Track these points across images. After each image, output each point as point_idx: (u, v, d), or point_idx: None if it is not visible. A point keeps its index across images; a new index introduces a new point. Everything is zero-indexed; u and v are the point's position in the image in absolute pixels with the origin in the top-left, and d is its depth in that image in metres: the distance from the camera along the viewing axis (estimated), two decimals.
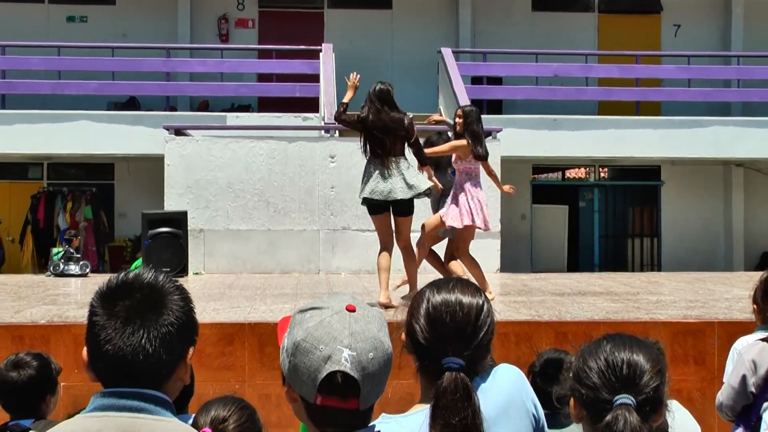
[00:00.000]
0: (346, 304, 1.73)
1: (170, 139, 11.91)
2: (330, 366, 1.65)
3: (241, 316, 7.00)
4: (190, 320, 1.73)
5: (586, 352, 1.90)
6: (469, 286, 2.03)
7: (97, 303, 1.70)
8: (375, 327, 1.72)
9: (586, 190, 17.60)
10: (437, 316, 1.94)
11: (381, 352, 1.70)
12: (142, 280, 1.71)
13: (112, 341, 1.64)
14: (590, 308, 7.64)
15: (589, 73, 16.12)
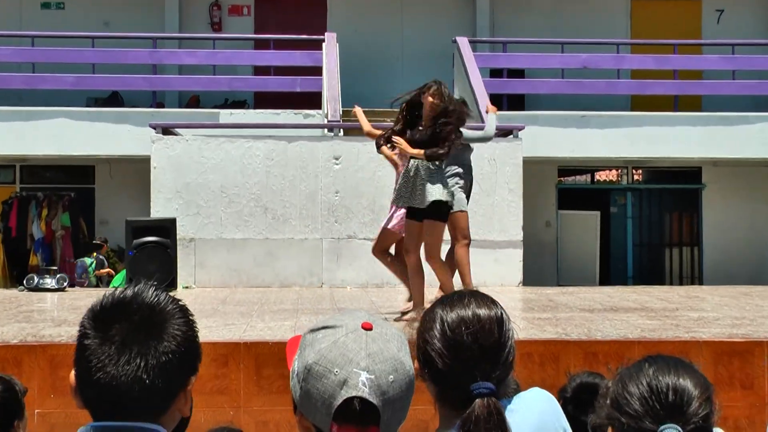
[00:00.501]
0: (361, 321, 1.72)
1: (157, 139, 11.95)
2: (346, 391, 1.64)
3: (236, 335, 7.01)
4: (194, 347, 1.70)
5: (626, 376, 1.86)
6: (482, 296, 2.04)
7: (88, 324, 1.67)
8: (394, 347, 1.71)
9: (619, 195, 17.58)
10: (457, 338, 1.94)
11: (402, 374, 1.69)
12: (142, 300, 1.68)
13: (104, 369, 1.61)
14: (623, 326, 7.63)
15: (621, 64, 16.12)
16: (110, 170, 16.18)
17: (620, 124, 14.64)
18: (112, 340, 1.63)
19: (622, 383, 1.85)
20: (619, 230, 17.35)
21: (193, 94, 16.55)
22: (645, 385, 1.82)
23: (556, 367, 6.59)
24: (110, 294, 1.70)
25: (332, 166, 11.89)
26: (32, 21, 16.59)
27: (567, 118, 14.61)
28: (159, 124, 12.29)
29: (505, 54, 15.97)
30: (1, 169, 16.62)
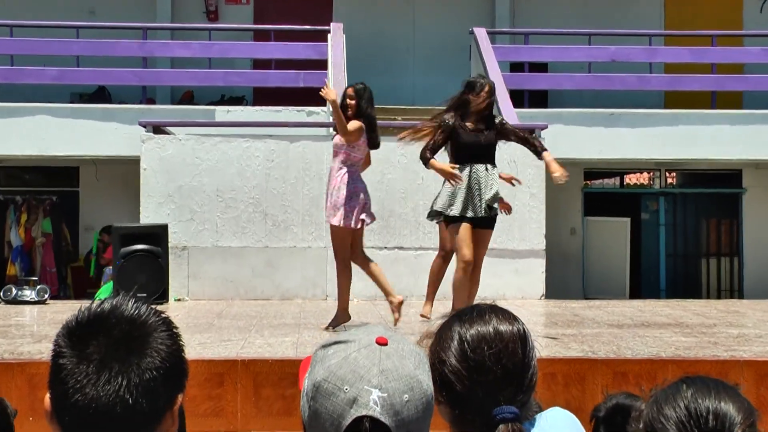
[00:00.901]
0: (376, 336, 1.72)
1: (147, 138, 11.98)
2: (356, 410, 1.64)
3: (233, 352, 7.02)
4: (179, 362, 1.70)
5: (662, 399, 1.84)
6: (502, 311, 2.04)
7: (64, 342, 1.65)
8: (411, 364, 1.70)
9: (650, 200, 17.55)
10: (478, 358, 1.94)
11: (418, 393, 1.68)
12: (121, 313, 1.67)
13: (83, 390, 1.60)
14: (656, 343, 7.62)
15: (654, 57, 16.11)
16: (96, 172, 16.21)
17: (652, 123, 14.62)
18: (89, 358, 1.62)
19: (658, 406, 1.84)
20: (650, 239, 17.32)
21: (186, 89, 16.59)
22: (683, 408, 1.80)
23: (581, 388, 6.59)
24: (86, 308, 1.68)
25: None
26: (10, 9, 16.64)
27: (594, 116, 14.60)
28: (149, 122, 12.32)
29: (527, 46, 15.97)
30: None
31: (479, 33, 14.93)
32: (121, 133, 13.77)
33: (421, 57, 17.74)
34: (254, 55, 16.37)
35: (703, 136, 14.63)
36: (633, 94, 16.01)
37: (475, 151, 7.98)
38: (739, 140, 14.66)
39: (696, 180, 17.71)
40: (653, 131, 14.55)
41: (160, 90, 16.64)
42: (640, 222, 17.41)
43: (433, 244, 11.67)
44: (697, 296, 16.34)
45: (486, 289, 11.76)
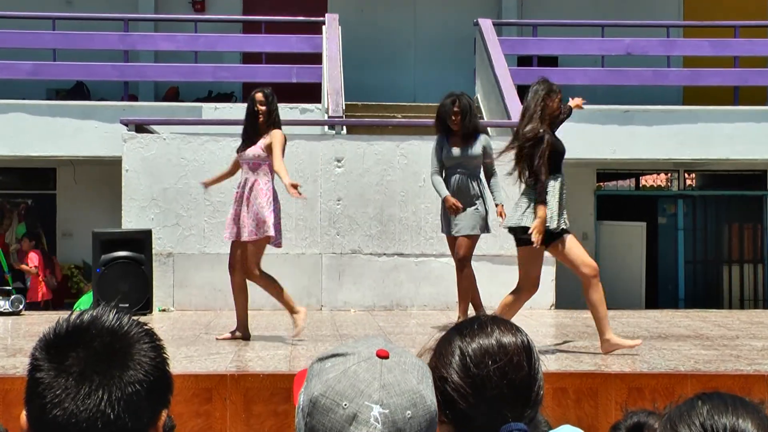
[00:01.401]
0: (376, 348, 1.73)
1: (129, 138, 12.00)
2: (356, 428, 1.65)
3: (222, 366, 7.04)
4: (163, 375, 1.72)
5: (676, 416, 1.83)
6: (504, 322, 2.06)
7: (41, 354, 1.67)
8: (414, 378, 1.72)
9: (668, 203, 17.58)
10: (482, 374, 1.95)
11: (422, 409, 1.69)
12: (101, 324, 1.69)
13: (61, 405, 1.61)
14: (674, 356, 7.64)
15: (672, 50, 16.14)
16: (74, 174, 16.24)
17: (670, 121, 14.65)
18: (69, 371, 1.63)
19: (671, 424, 1.84)
20: (668, 244, 17.34)
21: (171, 85, 16.61)
22: (698, 426, 1.79)
23: (594, 404, 6.62)
24: (65, 320, 1.69)
25: (334, 170, 11.93)
26: None
27: (607, 113, 14.63)
28: (131, 120, 12.34)
29: (535, 39, 16.00)
30: None
31: (484, 25, 14.96)
32: (101, 131, 13.79)
33: (422, 50, 17.77)
34: (243, 49, 16.39)
35: (724, 134, 14.65)
36: (649, 89, 16.04)
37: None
38: (764, 139, 14.67)
39: (717, 181, 17.73)
40: (671, 129, 14.57)
41: (143, 86, 16.67)
42: (657, 226, 17.43)
43: (435, 250, 11.74)
44: (718, 306, 16.36)
45: (493, 298, 11.78)
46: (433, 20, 17.68)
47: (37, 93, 15.66)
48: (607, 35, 16.07)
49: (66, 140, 14.05)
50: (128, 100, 15.21)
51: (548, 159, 7.84)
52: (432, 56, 17.61)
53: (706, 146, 14.66)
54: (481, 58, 15.02)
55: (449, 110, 9.30)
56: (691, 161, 15.74)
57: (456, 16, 17.12)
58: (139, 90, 16.52)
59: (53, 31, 15.34)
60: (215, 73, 15.49)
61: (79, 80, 16.11)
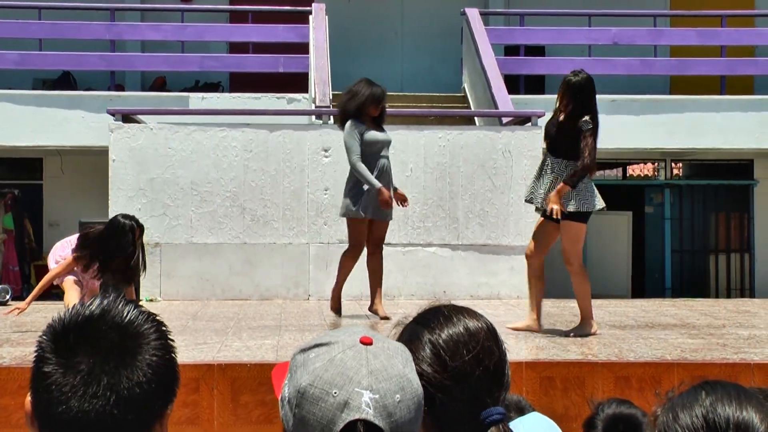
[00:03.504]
0: (359, 336, 1.74)
1: (116, 127, 11.97)
2: (348, 414, 1.65)
3: (209, 356, 7.04)
4: (172, 372, 1.71)
5: (678, 406, 1.81)
6: (464, 309, 2.06)
7: (48, 346, 1.65)
8: (399, 362, 1.73)
9: (655, 192, 17.61)
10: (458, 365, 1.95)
11: (410, 393, 1.71)
12: (112, 320, 1.67)
13: (68, 402, 1.60)
14: (660, 345, 7.66)
15: (659, 39, 16.16)
16: (61, 164, 16.21)
17: (657, 110, 14.68)
18: (77, 368, 1.62)
19: (673, 413, 1.80)
20: (655, 234, 17.38)
21: (158, 74, 16.57)
22: (700, 417, 1.76)
23: (581, 393, 6.63)
24: (74, 311, 1.67)
25: (321, 159, 11.92)
26: None
27: None
28: (118, 110, 12.32)
29: (522, 28, 16.00)
30: None
31: (471, 14, 14.96)
32: (88, 121, 13.76)
33: (409, 40, 17.77)
34: (230, 38, 16.37)
35: (711, 123, 14.69)
36: (636, 78, 16.06)
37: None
38: (750, 128, 14.72)
39: (704, 171, 17.77)
40: (658, 119, 14.60)
41: (130, 76, 16.63)
42: (644, 216, 17.46)
43: (422, 240, 11.75)
44: (704, 295, 16.42)
45: (480, 288, 11.83)
46: (420, 10, 17.67)
47: (24, 83, 15.61)
48: (594, 24, 16.09)
49: (53, 130, 14.02)
50: (115, 89, 15.18)
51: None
52: (419, 46, 17.61)
53: (694, 135, 14.69)
54: (468, 47, 15.02)
55: (379, 98, 9.27)
56: (678, 150, 15.78)
57: (443, 6, 17.11)
58: (126, 80, 16.48)
59: (39, 21, 15.28)
60: (202, 63, 15.46)
61: (65, 70, 16.06)
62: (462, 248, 11.77)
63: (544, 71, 16.27)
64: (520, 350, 7.36)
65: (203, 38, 15.86)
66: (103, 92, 14.65)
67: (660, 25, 16.61)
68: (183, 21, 15.92)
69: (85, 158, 15.14)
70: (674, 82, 17.09)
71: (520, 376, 6.57)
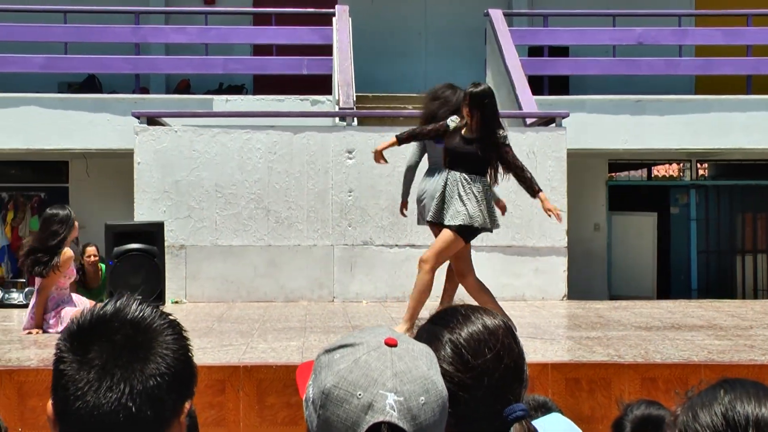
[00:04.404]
0: (384, 337, 1.74)
1: (141, 130, 12.01)
2: (372, 416, 1.65)
3: (235, 357, 7.05)
4: (187, 367, 1.72)
5: (697, 404, 1.78)
6: (480, 308, 2.07)
7: (65, 346, 1.68)
8: (424, 365, 1.72)
9: (680, 193, 17.54)
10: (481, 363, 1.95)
11: (434, 395, 1.70)
12: (124, 316, 1.70)
13: (84, 397, 1.63)
14: (687, 346, 7.62)
15: (684, 39, 16.09)
16: (87, 167, 16.28)
17: (682, 110, 14.62)
18: (91, 363, 1.65)
19: (693, 412, 1.78)
20: (681, 235, 17.31)
21: (182, 77, 16.62)
22: (719, 416, 1.74)
23: (607, 394, 6.61)
24: (88, 311, 1.71)
25: (345, 161, 11.92)
26: None
27: (619, 103, 14.60)
28: (143, 113, 12.36)
29: (546, 29, 15.97)
30: None
31: (495, 15, 14.94)
32: (114, 124, 13.82)
33: (432, 41, 17.76)
34: (254, 41, 16.40)
35: (737, 123, 14.61)
36: (661, 79, 16.00)
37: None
38: None
39: (730, 171, 17.69)
40: (683, 119, 14.54)
41: (155, 78, 16.69)
42: (670, 217, 17.40)
43: None
44: (731, 296, 16.34)
45: (505, 289, 11.80)
46: (444, 11, 17.66)
47: (50, 86, 15.68)
48: (618, 25, 16.03)
49: (78, 133, 14.09)
50: (140, 92, 15.24)
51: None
52: (442, 47, 17.60)
53: (719, 136, 14.62)
54: (492, 48, 15.00)
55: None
56: (704, 151, 15.70)
57: (466, 7, 17.09)
58: (150, 82, 16.54)
59: (65, 25, 15.35)
60: (226, 65, 15.50)
61: (90, 73, 16.13)
62: (486, 249, 11.73)
63: (568, 72, 16.23)
64: (545, 351, 7.34)
65: (227, 41, 15.90)
66: (127, 95, 14.71)
67: (685, 24, 16.53)
68: (207, 24, 15.97)
69: (110, 161, 15.20)
70: (699, 82, 17.00)
71: (546, 378, 6.56)
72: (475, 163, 7.87)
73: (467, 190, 7.81)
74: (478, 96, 7.87)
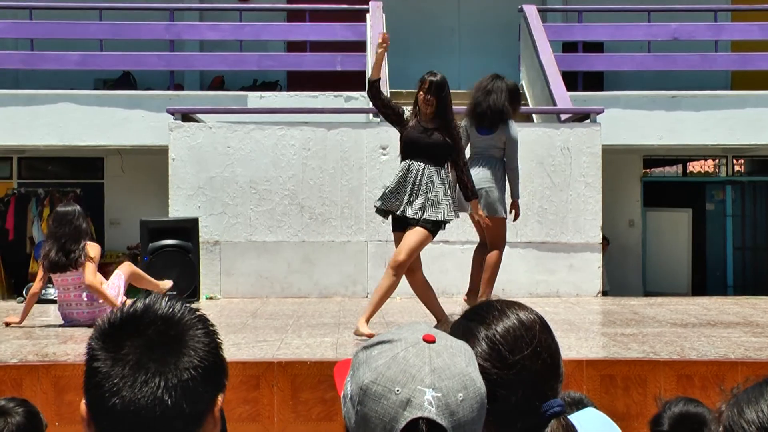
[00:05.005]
0: (422, 333, 1.73)
1: (176, 126, 12.06)
2: (410, 412, 1.65)
3: (269, 353, 7.06)
4: (218, 361, 1.74)
5: (743, 401, 1.74)
6: (513, 302, 2.06)
7: (97, 344, 1.69)
8: (462, 361, 1.72)
9: (716, 189, 17.43)
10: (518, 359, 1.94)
11: (473, 391, 1.69)
12: (155, 312, 1.71)
13: (119, 393, 1.64)
14: (723, 343, 7.57)
15: (720, 35, 15.97)
16: (122, 163, 16.36)
17: (718, 106, 14.51)
18: (125, 359, 1.66)
19: (738, 409, 1.76)
20: (717, 231, 17.20)
21: (216, 74, 16.67)
22: (765, 412, 1.72)
23: (643, 391, 6.57)
24: (119, 309, 1.73)
25: (379, 157, 11.92)
26: None
27: (654, 99, 14.52)
28: (178, 110, 12.40)
29: (581, 24, 15.90)
30: None
31: (529, 11, 14.89)
32: (148, 121, 13.88)
33: (466, 37, 17.72)
34: (288, 37, 16.43)
35: None
36: (697, 74, 15.89)
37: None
38: None
39: (766, 167, 17.56)
40: (719, 115, 14.43)
41: (189, 75, 16.75)
42: (705, 213, 17.30)
43: None
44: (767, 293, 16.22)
45: (539, 285, 11.78)
46: (477, 7, 17.62)
47: (85, 83, 15.78)
48: (653, 20, 15.95)
49: (113, 130, 14.16)
50: (174, 89, 15.29)
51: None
52: (476, 43, 17.55)
53: (755, 131, 14.50)
54: (526, 44, 14.95)
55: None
56: (740, 147, 15.59)
57: (500, 3, 17.03)
58: (184, 79, 16.60)
59: (100, 22, 15.44)
60: (260, 62, 15.53)
61: (126, 70, 16.21)
62: (520, 246, 11.70)
63: (602, 68, 16.15)
64: (581, 348, 7.31)
65: (261, 37, 15.93)
66: (162, 92, 14.77)
67: (721, 19, 16.42)
68: (241, 20, 16.01)
69: (145, 157, 15.27)
70: (735, 78, 16.88)
71: (581, 375, 6.53)
72: (439, 153, 7.89)
73: (436, 182, 7.85)
74: (440, 84, 7.95)
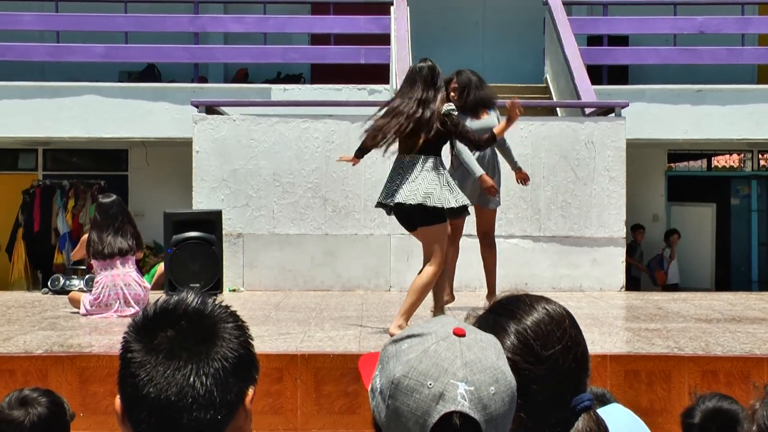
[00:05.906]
0: (452, 327, 1.73)
1: (200, 119, 12.09)
2: (443, 406, 1.64)
3: (292, 346, 7.07)
4: (249, 354, 1.77)
5: None
6: (538, 296, 2.05)
7: (131, 337, 1.75)
8: (493, 354, 1.72)
9: (741, 184, 17.35)
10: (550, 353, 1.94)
11: (504, 385, 1.69)
12: (186, 306, 1.76)
13: (153, 381, 1.68)
14: (748, 339, 7.54)
15: (747, 28, 15.88)
16: (146, 155, 16.42)
17: (744, 100, 14.43)
18: (158, 348, 1.71)
19: None
20: (741, 226, 17.12)
21: (240, 66, 16.70)
22: None
23: (667, 387, 6.55)
24: (152, 303, 1.78)
25: None
26: None
27: (679, 93, 14.45)
28: (202, 102, 12.43)
29: (606, 18, 15.83)
30: (21, 153, 16.94)
31: (554, 4, 14.83)
32: (173, 113, 13.92)
33: (491, 31, 17.68)
34: (312, 30, 16.42)
35: None
36: (723, 68, 15.80)
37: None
38: None
39: None
40: (745, 109, 14.36)
41: (213, 68, 16.78)
42: (730, 208, 17.22)
43: (504, 231, 11.67)
44: None
45: (562, 279, 11.74)
46: (502, 0, 17.57)
47: (110, 75, 15.83)
48: (679, 13, 15.87)
49: (138, 122, 14.21)
50: (198, 81, 15.33)
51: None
52: (501, 36, 17.51)
53: None
54: (551, 38, 14.90)
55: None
56: (766, 141, 15.50)
57: None
58: (209, 72, 16.63)
59: (125, 14, 15.49)
60: (284, 55, 15.55)
61: (150, 62, 16.26)
62: (544, 240, 11.68)
63: (627, 61, 16.09)
64: (604, 343, 7.29)
65: (285, 30, 15.94)
66: (186, 84, 14.81)
67: (748, 13, 16.32)
68: (265, 13, 16.02)
69: (169, 149, 15.32)
70: (762, 72, 16.78)
71: (604, 369, 6.51)
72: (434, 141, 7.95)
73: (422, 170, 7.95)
74: (432, 71, 8.09)
